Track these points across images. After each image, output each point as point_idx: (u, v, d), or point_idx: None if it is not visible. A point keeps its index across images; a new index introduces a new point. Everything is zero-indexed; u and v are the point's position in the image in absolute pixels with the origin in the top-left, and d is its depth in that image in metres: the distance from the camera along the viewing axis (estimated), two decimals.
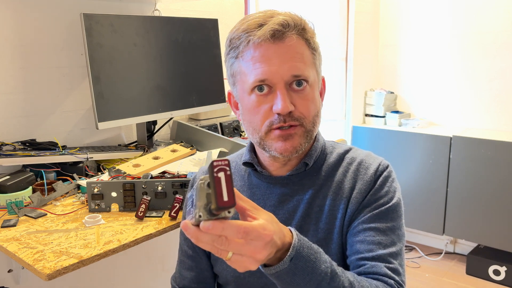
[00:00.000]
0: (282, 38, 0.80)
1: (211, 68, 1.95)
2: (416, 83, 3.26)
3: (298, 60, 0.81)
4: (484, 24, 2.92)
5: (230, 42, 0.85)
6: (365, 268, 0.81)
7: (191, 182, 1.04)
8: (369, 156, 0.92)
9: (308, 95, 0.83)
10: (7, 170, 1.43)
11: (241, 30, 0.82)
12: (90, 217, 1.19)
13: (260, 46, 0.80)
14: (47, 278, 0.92)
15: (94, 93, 1.53)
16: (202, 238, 0.56)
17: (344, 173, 0.90)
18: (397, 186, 0.90)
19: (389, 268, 0.80)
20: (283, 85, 0.80)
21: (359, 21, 3.16)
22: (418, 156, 2.97)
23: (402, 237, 0.86)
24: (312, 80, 0.84)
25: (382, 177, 0.88)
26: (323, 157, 0.92)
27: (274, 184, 0.90)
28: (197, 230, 0.55)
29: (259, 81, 0.81)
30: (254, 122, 0.85)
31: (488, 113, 3.00)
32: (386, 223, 0.84)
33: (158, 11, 1.92)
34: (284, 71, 0.80)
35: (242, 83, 0.85)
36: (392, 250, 0.82)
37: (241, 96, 0.87)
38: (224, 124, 2.02)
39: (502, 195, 2.67)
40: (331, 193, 0.88)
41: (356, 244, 0.83)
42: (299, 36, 0.82)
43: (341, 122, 3.27)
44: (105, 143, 1.82)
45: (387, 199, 0.86)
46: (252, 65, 0.81)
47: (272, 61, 0.80)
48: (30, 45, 1.57)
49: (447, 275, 2.89)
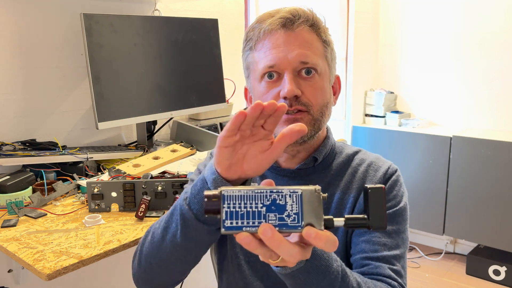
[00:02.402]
0: (292, 27, 0.82)
1: (211, 68, 1.95)
2: (416, 83, 3.26)
3: (308, 48, 0.82)
4: (484, 25, 2.92)
5: (246, 36, 0.88)
6: (369, 268, 0.81)
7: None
8: (378, 159, 0.93)
9: (317, 83, 0.83)
10: (7, 170, 1.43)
11: (255, 22, 0.86)
12: (90, 217, 1.19)
13: (270, 34, 0.82)
14: (47, 278, 0.92)
15: (94, 93, 1.53)
16: (283, 247, 0.51)
17: (353, 173, 0.90)
18: (404, 190, 0.90)
19: (393, 270, 0.81)
20: (291, 71, 0.81)
21: (359, 21, 3.16)
22: (418, 156, 2.97)
23: (406, 241, 0.87)
24: (321, 69, 0.84)
25: (391, 180, 0.88)
26: (333, 155, 0.92)
27: (282, 176, 0.90)
28: (281, 237, 0.51)
29: (268, 67, 0.82)
30: None
31: (488, 113, 3.00)
32: (392, 226, 0.85)
33: (158, 11, 1.92)
34: (293, 57, 0.81)
35: (254, 72, 0.86)
36: (396, 252, 0.83)
37: (253, 86, 0.88)
38: (224, 124, 2.02)
39: (502, 195, 2.67)
40: (339, 192, 0.88)
41: (361, 244, 0.84)
42: (310, 28, 0.84)
43: (341, 122, 3.27)
44: (105, 143, 1.82)
45: (395, 202, 0.87)
46: (263, 53, 0.83)
47: (280, 48, 0.81)
48: (30, 45, 1.57)
49: (447, 275, 2.88)
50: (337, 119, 3.25)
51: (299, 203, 0.52)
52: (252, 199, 0.53)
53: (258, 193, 0.53)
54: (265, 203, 0.52)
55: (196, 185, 0.69)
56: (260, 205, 0.52)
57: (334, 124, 3.24)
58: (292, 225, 0.52)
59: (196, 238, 0.72)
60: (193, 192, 0.69)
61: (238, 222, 0.52)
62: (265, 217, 0.52)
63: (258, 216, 0.52)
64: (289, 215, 0.52)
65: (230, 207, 0.52)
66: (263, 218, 0.52)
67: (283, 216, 0.52)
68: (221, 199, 0.52)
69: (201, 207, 0.68)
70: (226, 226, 0.52)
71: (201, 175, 0.68)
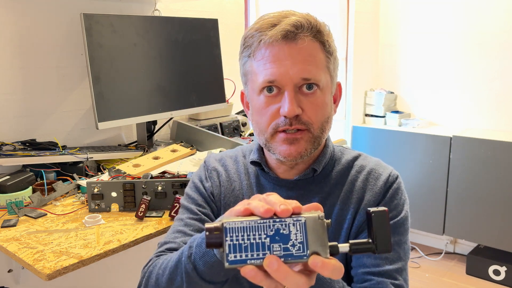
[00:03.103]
0: (294, 39, 0.78)
1: (211, 68, 1.95)
2: (416, 83, 3.26)
3: (310, 62, 0.79)
4: (484, 24, 2.92)
5: (244, 41, 0.84)
6: (371, 284, 0.80)
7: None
8: (378, 165, 0.90)
9: (318, 100, 0.80)
10: (7, 170, 1.43)
11: (255, 29, 0.81)
12: (90, 217, 1.19)
13: (271, 46, 0.79)
14: (47, 278, 0.92)
15: (94, 93, 1.53)
16: (290, 278, 0.50)
17: (353, 181, 0.88)
18: (405, 198, 0.88)
19: (395, 285, 0.80)
20: (292, 88, 0.78)
21: (359, 21, 3.16)
22: (418, 156, 2.97)
23: (407, 252, 0.85)
24: (323, 84, 0.81)
25: (392, 189, 0.86)
26: (332, 164, 0.90)
27: (280, 186, 0.89)
28: (287, 269, 0.50)
29: (268, 82, 0.79)
30: (261, 123, 0.83)
31: (488, 113, 3.00)
32: (394, 237, 0.83)
33: (158, 11, 1.92)
34: (294, 73, 0.78)
35: (252, 82, 0.83)
36: (398, 266, 0.82)
37: (251, 96, 0.86)
38: (224, 124, 2.02)
39: (502, 195, 2.67)
40: (339, 202, 0.87)
41: (362, 257, 0.82)
42: (313, 38, 0.80)
43: (341, 122, 3.27)
44: (105, 143, 1.82)
45: (396, 212, 0.85)
46: (262, 65, 0.80)
47: (282, 62, 0.78)
48: (30, 45, 1.57)
49: (447, 275, 2.88)
50: (337, 119, 3.25)
51: (303, 232, 0.51)
52: (255, 230, 0.51)
53: (261, 224, 0.51)
54: (268, 233, 0.51)
55: (201, 246, 0.67)
56: (264, 235, 0.51)
57: (334, 124, 3.22)
58: (297, 255, 0.51)
59: None
60: (198, 253, 0.67)
61: (242, 255, 0.50)
62: (269, 248, 0.50)
63: (262, 248, 0.50)
64: (294, 245, 0.51)
65: (233, 240, 0.50)
66: (267, 249, 0.50)
67: (287, 246, 0.51)
68: (223, 232, 0.50)
69: (208, 269, 0.67)
70: (230, 260, 0.50)
71: (203, 234, 0.66)
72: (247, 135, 2.04)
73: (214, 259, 0.65)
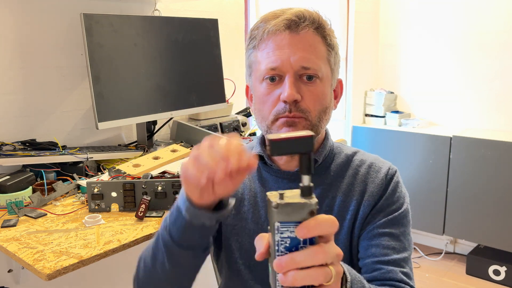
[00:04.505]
0: (296, 29, 0.82)
1: (211, 68, 1.95)
2: (416, 83, 3.26)
3: (310, 52, 0.82)
4: (484, 24, 2.92)
5: (250, 33, 0.87)
6: (381, 272, 0.82)
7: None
8: (377, 159, 0.93)
9: (317, 89, 0.83)
10: (7, 170, 1.43)
11: (260, 21, 0.86)
12: (90, 217, 1.19)
13: (274, 35, 0.82)
14: (47, 278, 0.93)
15: (94, 93, 1.53)
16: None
17: (354, 175, 0.90)
18: (405, 191, 0.92)
19: (403, 273, 0.82)
20: (292, 74, 0.81)
21: (359, 21, 3.16)
22: (418, 156, 2.97)
23: (411, 242, 0.89)
24: (323, 75, 0.84)
25: (393, 182, 0.89)
26: (332, 156, 0.92)
27: (282, 178, 0.91)
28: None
29: (270, 69, 0.82)
30: (263, 111, 0.86)
31: (488, 113, 3.00)
32: (399, 229, 0.86)
33: (158, 11, 1.92)
34: (294, 61, 0.81)
35: (256, 71, 0.86)
36: (404, 255, 0.85)
37: (254, 85, 0.88)
38: (224, 124, 2.02)
39: (502, 195, 2.67)
40: (341, 194, 0.89)
41: (371, 248, 0.85)
42: (315, 31, 0.83)
43: (341, 122, 3.27)
44: (105, 143, 1.82)
45: (399, 204, 0.88)
46: (265, 54, 0.83)
47: (283, 50, 0.81)
48: (30, 45, 1.57)
49: (447, 275, 2.88)
50: (337, 119, 3.25)
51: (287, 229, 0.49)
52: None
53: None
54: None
55: (173, 213, 0.70)
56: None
57: (334, 124, 3.24)
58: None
59: (183, 263, 0.73)
60: (171, 220, 0.70)
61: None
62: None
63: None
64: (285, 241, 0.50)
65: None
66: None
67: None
68: None
69: (181, 234, 0.69)
70: None
71: (176, 203, 0.69)
72: (247, 135, 2.04)
73: (184, 221, 0.66)
